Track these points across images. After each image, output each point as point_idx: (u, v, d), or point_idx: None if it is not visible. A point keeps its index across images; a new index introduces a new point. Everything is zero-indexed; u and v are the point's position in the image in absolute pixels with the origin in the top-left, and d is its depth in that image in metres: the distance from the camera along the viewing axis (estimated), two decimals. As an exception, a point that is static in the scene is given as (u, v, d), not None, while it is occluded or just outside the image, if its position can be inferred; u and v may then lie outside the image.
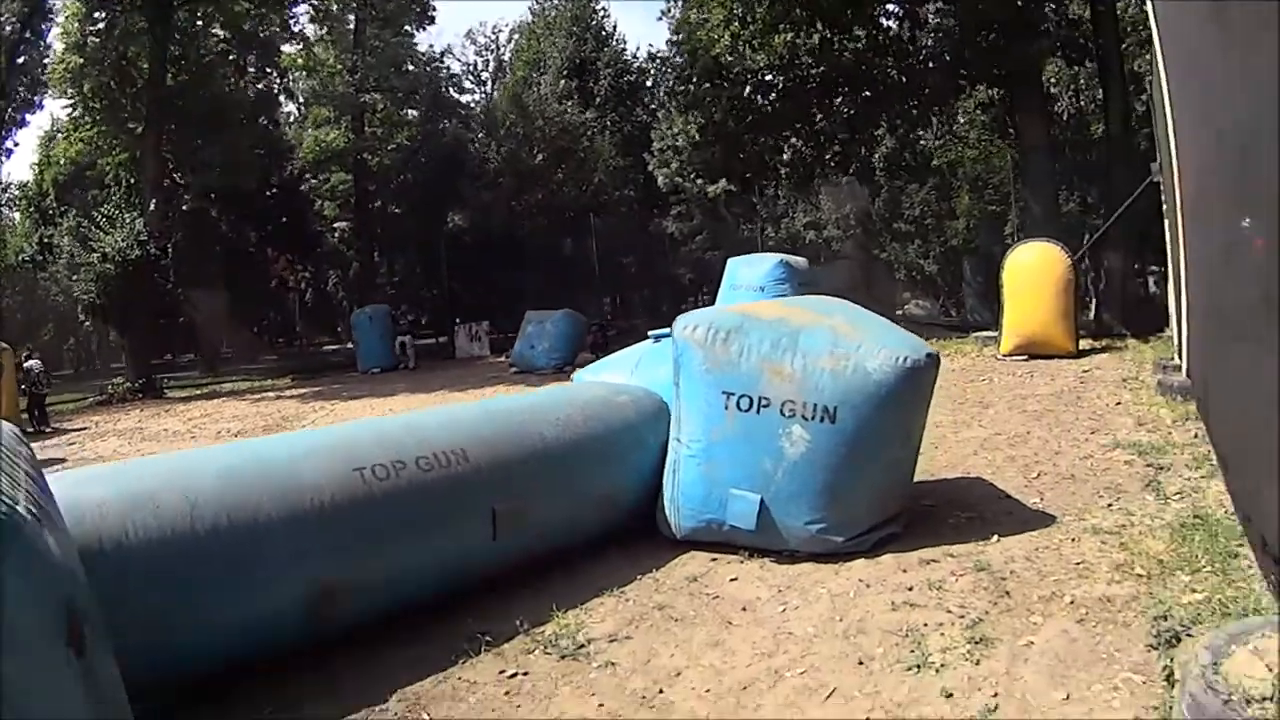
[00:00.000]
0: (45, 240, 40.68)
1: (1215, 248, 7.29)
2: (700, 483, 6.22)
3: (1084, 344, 16.08)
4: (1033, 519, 6.42)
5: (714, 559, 6.17)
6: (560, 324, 23.61)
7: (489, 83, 53.84)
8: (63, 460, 15.09)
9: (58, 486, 3.94)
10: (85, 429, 20.20)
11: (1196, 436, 8.35)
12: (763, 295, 13.59)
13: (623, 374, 7.68)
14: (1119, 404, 10.54)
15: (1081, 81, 31.12)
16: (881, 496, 6.10)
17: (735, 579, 5.84)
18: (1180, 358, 11.10)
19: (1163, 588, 4.95)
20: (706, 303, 15.41)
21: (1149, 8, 9.83)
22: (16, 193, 53.95)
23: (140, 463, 5.72)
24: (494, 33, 53.87)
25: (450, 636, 5.17)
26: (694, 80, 27.65)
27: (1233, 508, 5.98)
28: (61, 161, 42.76)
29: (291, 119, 47.72)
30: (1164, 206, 13.78)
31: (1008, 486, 7.35)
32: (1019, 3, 21.18)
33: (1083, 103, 31.89)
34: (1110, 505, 6.57)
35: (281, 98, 44.86)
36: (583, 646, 4.96)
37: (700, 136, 29.13)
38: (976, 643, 4.53)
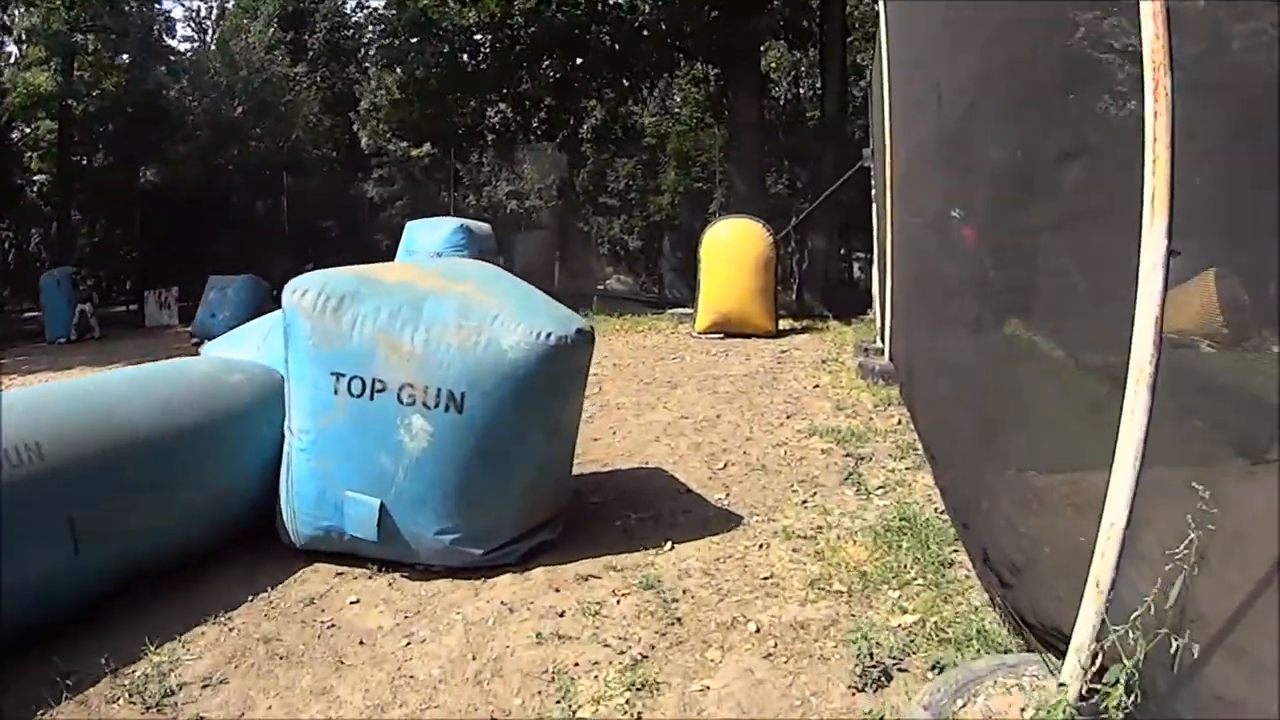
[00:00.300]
0: None
1: (924, 232, 7.42)
2: (313, 481, 5.05)
3: (784, 324, 15.52)
4: (716, 520, 5.47)
5: (339, 574, 5.06)
6: (242, 290, 21.68)
7: (209, 31, 50.38)
8: None
9: None
10: None
11: (899, 423, 7.72)
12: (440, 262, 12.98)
13: (250, 349, 6.25)
14: (817, 387, 9.76)
15: (802, 69, 31.21)
16: (528, 499, 5.13)
17: (357, 601, 4.76)
18: (883, 341, 10.61)
19: (867, 607, 4.20)
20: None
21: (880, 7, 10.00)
22: None
23: None
24: None
25: (30, 681, 4.02)
26: (400, 34, 26.17)
27: (943, 505, 5.40)
28: None
29: (12, 60, 43.66)
30: (873, 192, 13.61)
31: (690, 479, 6.35)
32: None
33: (801, 89, 32.11)
34: (805, 502, 5.71)
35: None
36: (171, 694, 3.90)
37: (401, 94, 27.62)
38: (637, 689, 3.67)
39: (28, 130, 40.19)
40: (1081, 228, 3.62)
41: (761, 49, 24.66)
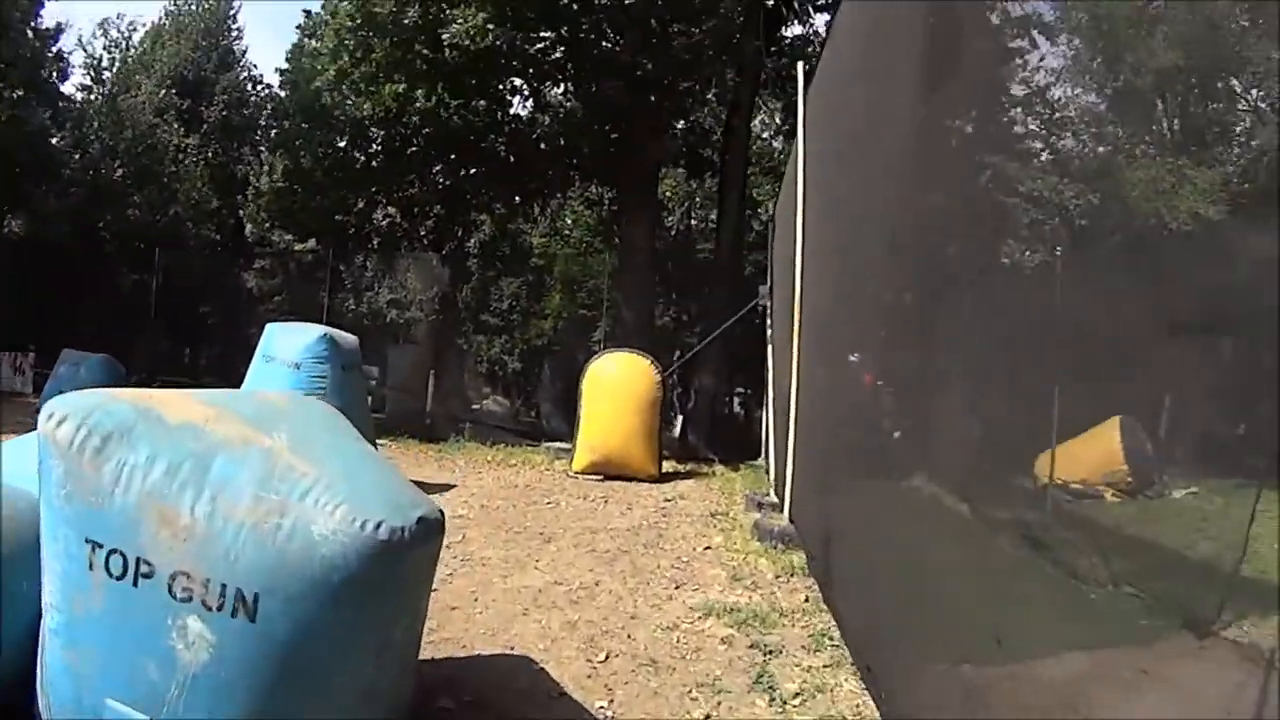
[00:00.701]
0: None
1: (834, 378, 6.98)
2: (68, 679, 3.63)
3: (668, 465, 14.75)
4: None
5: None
6: (95, 370, 20.00)
7: (109, 83, 48.95)
8: None
9: None
10: None
11: (808, 600, 6.78)
12: (298, 373, 12.04)
13: (32, 464, 4.75)
14: (709, 549, 8.79)
15: (697, 200, 31.06)
16: None
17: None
18: (780, 496, 9.82)
19: None
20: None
21: (799, 142, 9.54)
22: None
23: None
24: (128, 29, 49.19)
25: None
26: (291, 116, 25.37)
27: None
28: None
29: None
30: (769, 331, 12.92)
31: (565, 674, 5.24)
32: (651, 99, 20.02)
33: (694, 221, 31.97)
34: (709, 717, 4.68)
35: None
36: None
37: (285, 181, 26.47)
38: None
39: None
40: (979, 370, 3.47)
41: (659, 175, 24.12)
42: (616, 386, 14.18)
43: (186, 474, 3.51)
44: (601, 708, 4.75)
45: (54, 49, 37.43)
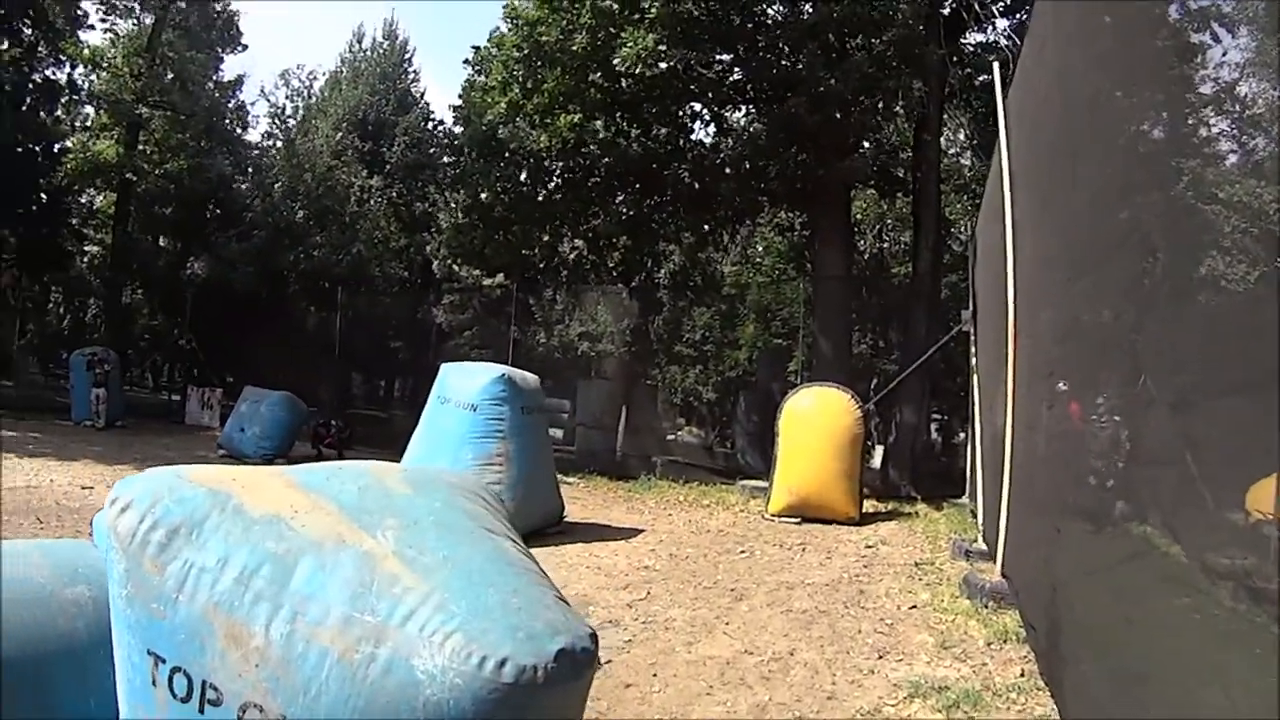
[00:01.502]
0: None
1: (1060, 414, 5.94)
2: None
3: (868, 505, 14.00)
4: None
5: None
6: (275, 408, 20.42)
7: (293, 131, 50.78)
8: None
9: None
10: None
11: (1024, 676, 5.90)
12: (474, 415, 11.62)
13: None
14: (914, 608, 7.99)
15: (889, 222, 30.23)
16: None
17: None
18: (991, 545, 8.99)
19: None
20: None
21: (1000, 150, 8.69)
22: None
23: None
24: (309, 78, 51.17)
25: None
26: (465, 151, 25.25)
27: None
28: None
29: (86, 122, 43.86)
30: (973, 360, 12.21)
31: None
32: (837, 115, 19.19)
33: (886, 242, 31.07)
34: None
35: (68, 93, 40.57)
36: None
37: (465, 217, 26.39)
38: None
39: (85, 199, 40.41)
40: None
41: (850, 197, 23.44)
42: (815, 424, 13.57)
43: (263, 583, 2.81)
44: None
45: (234, 99, 38.94)
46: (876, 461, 20.86)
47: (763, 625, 7.44)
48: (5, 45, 32.16)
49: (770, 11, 20.75)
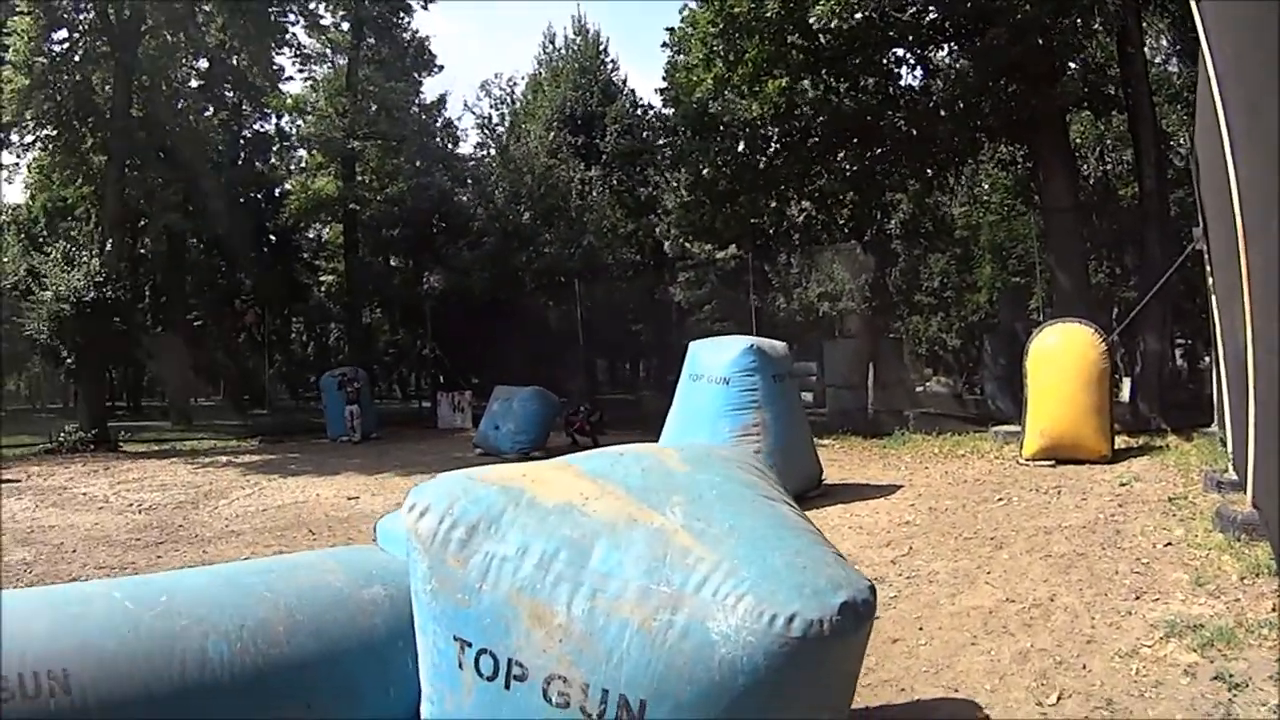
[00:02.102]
0: (32, 268, 39.52)
1: None
2: None
3: (1119, 441, 13.87)
4: None
5: None
6: (528, 403, 21.30)
7: (502, 137, 52.25)
8: None
9: None
10: (14, 482, 18.53)
11: (1274, 611, 6.01)
12: (727, 388, 12.03)
13: None
14: (1169, 545, 8.14)
15: (1108, 142, 29.35)
16: None
17: None
18: (1241, 474, 8.87)
19: None
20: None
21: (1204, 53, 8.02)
22: (9, 217, 53.99)
23: None
24: (509, 85, 52.39)
25: None
26: (679, 132, 25.69)
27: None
28: (50, 187, 41.75)
29: (301, 164, 46.45)
30: (1209, 280, 11.96)
31: None
32: (1039, 42, 19.00)
33: (1109, 164, 30.13)
34: None
35: (289, 144, 43.20)
36: None
37: (690, 195, 26.87)
38: None
39: (313, 234, 43.13)
40: None
41: (1065, 122, 22.93)
42: (1060, 363, 13.53)
43: (562, 566, 3.36)
44: None
45: (441, 118, 41.03)
46: (1125, 395, 20.43)
47: (1023, 572, 7.76)
48: (211, 110, 34.35)
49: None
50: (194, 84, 33.34)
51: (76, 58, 28.04)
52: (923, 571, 8.03)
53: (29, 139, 30.45)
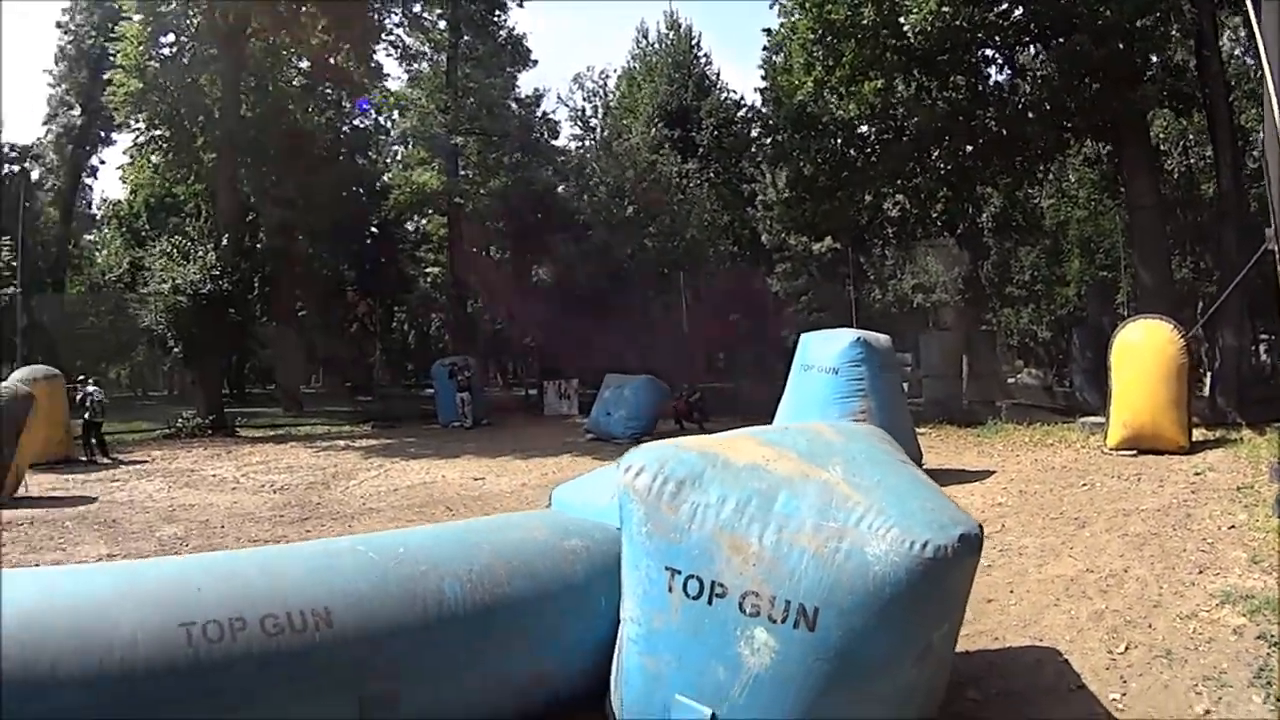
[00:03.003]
0: (135, 261, 40.96)
1: None
2: (641, 676, 4.76)
3: (1197, 434, 14.68)
4: None
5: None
6: (639, 391, 22.49)
7: (596, 129, 52.72)
8: (93, 500, 14.92)
9: None
10: (141, 464, 20.01)
11: None
12: (836, 378, 12.91)
13: (608, 495, 5.69)
14: (1233, 528, 9.12)
15: (1190, 137, 29.71)
16: None
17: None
18: None
19: None
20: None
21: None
22: (110, 210, 55.47)
23: None
24: (601, 78, 53.05)
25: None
26: (781, 130, 26.50)
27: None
28: (140, 180, 43.14)
29: (399, 158, 47.49)
30: None
31: (1085, 666, 5.99)
32: (1120, 45, 19.72)
33: (1192, 160, 30.37)
34: (1208, 713, 5.23)
35: (387, 138, 44.58)
36: None
37: (791, 191, 27.86)
38: None
39: (416, 225, 44.08)
40: None
41: (1147, 121, 23.53)
42: (1142, 358, 14.30)
43: (753, 509, 4.45)
44: (1114, 700, 5.46)
45: (539, 112, 41.39)
46: (1207, 389, 20.94)
47: (1101, 548, 8.78)
48: (315, 108, 35.55)
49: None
50: (298, 83, 34.61)
51: (185, 60, 29.43)
52: (1014, 546, 9.07)
53: (142, 139, 31.88)
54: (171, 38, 29.66)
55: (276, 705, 4.08)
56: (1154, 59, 21.69)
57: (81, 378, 23.47)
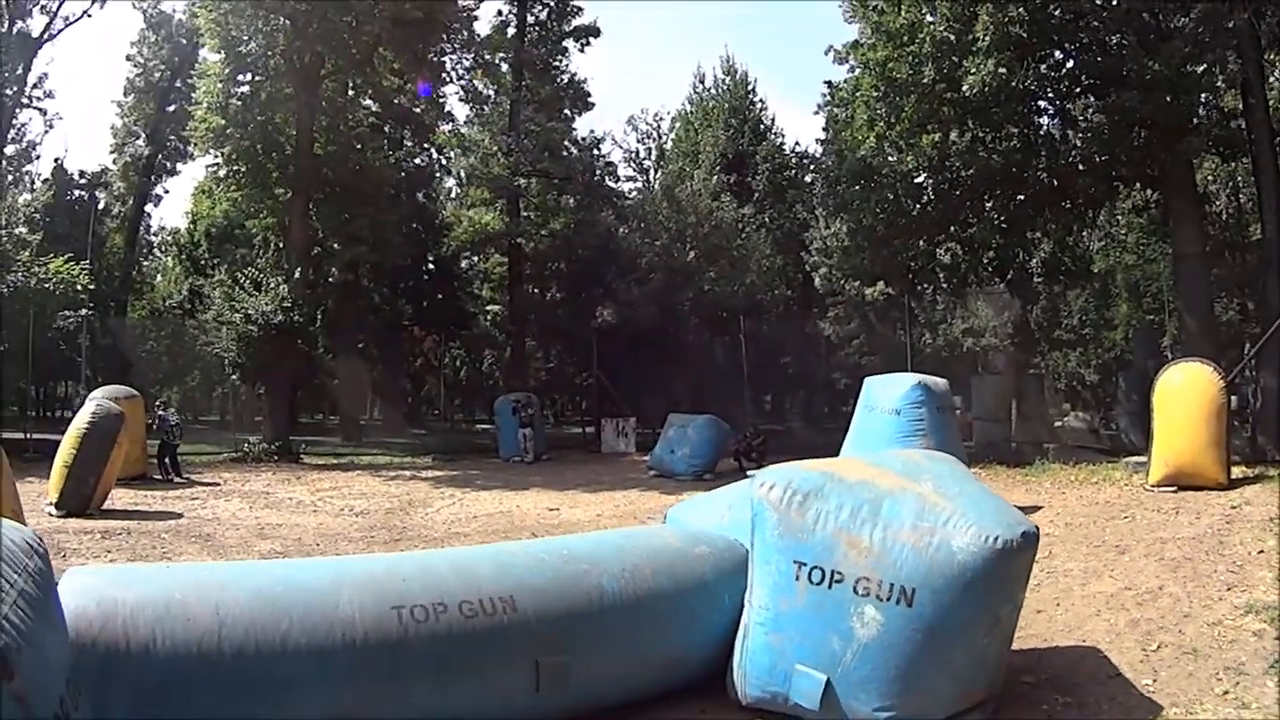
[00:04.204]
0: (195, 288, 42.08)
1: None
2: (766, 652, 5.87)
3: (1236, 471, 15.16)
4: (1137, 708, 6.01)
5: (775, 734, 5.91)
6: (702, 430, 23.19)
7: (650, 171, 54.04)
8: (179, 515, 15.83)
9: (92, 582, 4.72)
10: (214, 485, 20.95)
11: None
12: (898, 419, 13.61)
13: (717, 515, 7.27)
14: (1261, 552, 9.83)
15: (1239, 179, 30.20)
16: (960, 686, 5.56)
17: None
18: None
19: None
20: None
21: None
22: (170, 238, 56.89)
23: (177, 570, 5.85)
24: (655, 120, 54.00)
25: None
26: (842, 182, 27.26)
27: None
28: (215, 213, 44.20)
29: (452, 194, 48.69)
30: None
31: (1122, 661, 6.92)
32: (1167, 99, 20.31)
33: (1241, 200, 30.96)
34: (1226, 693, 6.14)
35: (439, 175, 45.92)
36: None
37: (850, 241, 28.70)
38: None
39: (475, 261, 44.92)
40: None
41: (1193, 170, 24.06)
42: (1183, 399, 14.85)
43: (865, 514, 5.66)
44: (1146, 684, 6.39)
45: (600, 155, 42.57)
46: (1249, 429, 21.27)
47: (1139, 570, 9.58)
48: (381, 147, 36.54)
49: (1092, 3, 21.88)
50: (369, 123, 35.78)
51: (263, 96, 30.55)
52: (1060, 568, 9.93)
53: (221, 173, 32.78)
54: (248, 76, 30.86)
55: (471, 673, 5.22)
56: (1200, 110, 22.20)
57: (160, 403, 24.76)
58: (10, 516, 7.89)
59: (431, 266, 43.72)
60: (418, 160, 42.01)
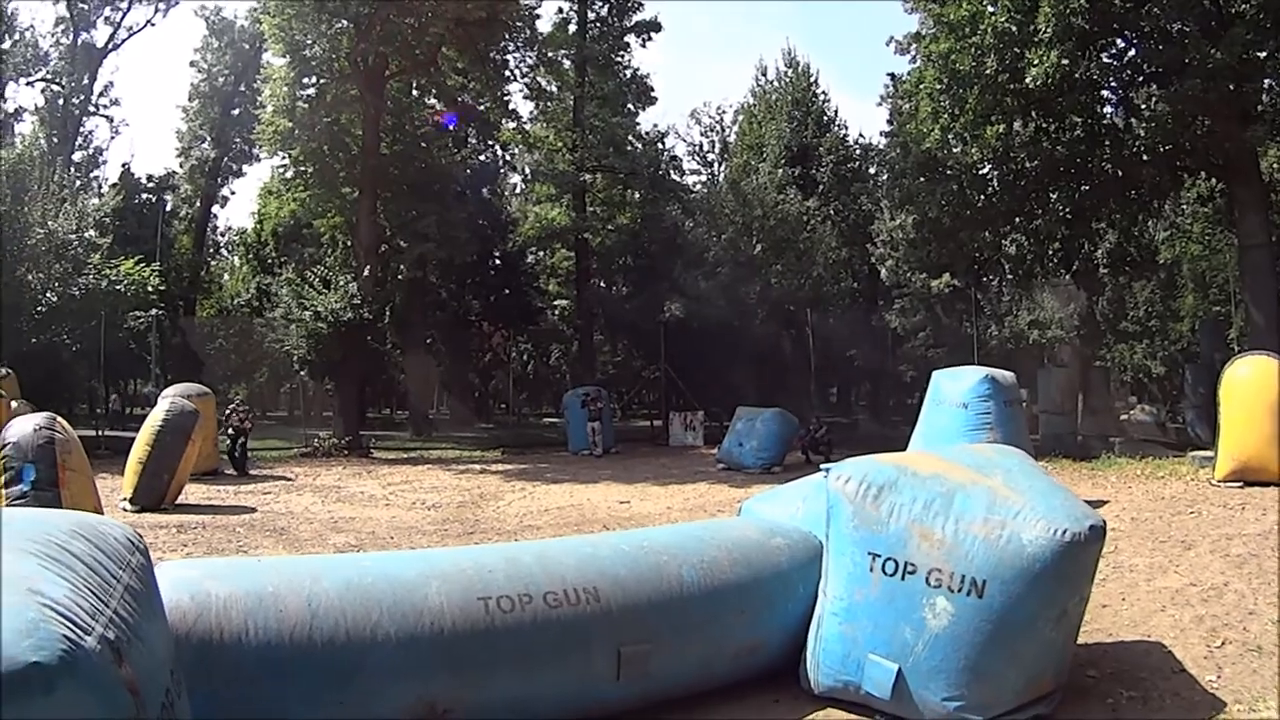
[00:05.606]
0: (263, 287, 42.74)
1: None
2: (840, 642, 6.04)
3: None
4: (1201, 703, 6.08)
5: (847, 721, 6.08)
6: (770, 423, 23.36)
7: (714, 164, 54.05)
8: (253, 510, 16.19)
9: (186, 575, 4.90)
10: (286, 480, 21.34)
11: None
12: (966, 412, 13.67)
13: (791, 507, 7.45)
14: (1327, 546, 9.84)
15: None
16: (1029, 677, 5.64)
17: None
18: None
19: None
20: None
21: None
22: (236, 238, 57.85)
23: (269, 563, 6.05)
24: (718, 113, 53.92)
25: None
26: (907, 174, 27.39)
27: None
28: (282, 214, 44.75)
29: (518, 191, 49.23)
30: None
31: (1186, 656, 6.98)
32: (1230, 87, 20.28)
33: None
34: None
35: (505, 172, 46.57)
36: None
37: (916, 233, 28.86)
38: None
39: (541, 256, 45.22)
40: None
41: (1258, 158, 23.89)
42: (1249, 392, 14.79)
43: (938, 507, 5.77)
44: (1210, 680, 6.45)
45: (665, 149, 42.64)
46: None
47: (1205, 566, 9.59)
48: (447, 145, 37.03)
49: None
50: (433, 122, 36.19)
51: (328, 98, 30.91)
52: (1125, 564, 9.93)
53: (289, 174, 33.98)
54: (314, 79, 31.30)
55: (555, 662, 5.42)
56: (1264, 97, 22.04)
57: (234, 402, 25.31)
58: (91, 512, 8.19)
59: (498, 262, 44.17)
60: (483, 157, 42.65)
